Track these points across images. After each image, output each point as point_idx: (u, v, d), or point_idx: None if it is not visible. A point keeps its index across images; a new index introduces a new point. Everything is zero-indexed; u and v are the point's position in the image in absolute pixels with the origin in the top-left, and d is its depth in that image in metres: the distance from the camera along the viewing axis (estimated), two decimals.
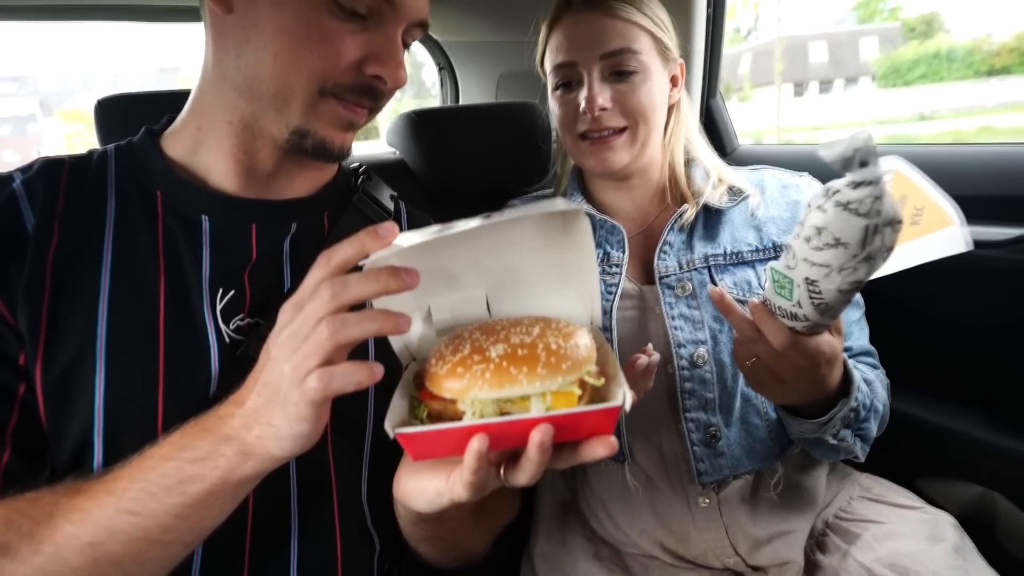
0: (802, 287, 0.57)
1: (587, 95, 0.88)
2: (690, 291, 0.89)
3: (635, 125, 0.90)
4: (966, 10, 14.22)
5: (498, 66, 1.71)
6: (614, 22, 0.88)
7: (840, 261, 0.53)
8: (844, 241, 0.52)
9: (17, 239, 0.60)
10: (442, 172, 1.25)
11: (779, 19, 11.96)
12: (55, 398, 0.59)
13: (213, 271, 0.65)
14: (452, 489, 0.49)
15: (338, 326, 0.46)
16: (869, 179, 0.50)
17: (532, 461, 0.46)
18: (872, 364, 0.93)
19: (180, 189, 0.67)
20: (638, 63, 0.89)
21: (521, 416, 0.47)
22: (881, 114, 11.42)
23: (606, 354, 0.57)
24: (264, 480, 0.53)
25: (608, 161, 0.91)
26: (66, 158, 0.67)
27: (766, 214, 0.93)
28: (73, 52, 31.24)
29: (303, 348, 0.47)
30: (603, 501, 0.95)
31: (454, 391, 0.48)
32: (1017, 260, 0.96)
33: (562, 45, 0.92)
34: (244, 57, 0.62)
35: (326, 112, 0.64)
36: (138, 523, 0.50)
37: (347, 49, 0.62)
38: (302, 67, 0.61)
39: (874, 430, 0.83)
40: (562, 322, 0.54)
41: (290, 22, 0.60)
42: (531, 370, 0.47)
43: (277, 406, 0.48)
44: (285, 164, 0.70)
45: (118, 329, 0.61)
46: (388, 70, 0.64)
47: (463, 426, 0.46)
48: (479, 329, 0.53)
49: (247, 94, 0.63)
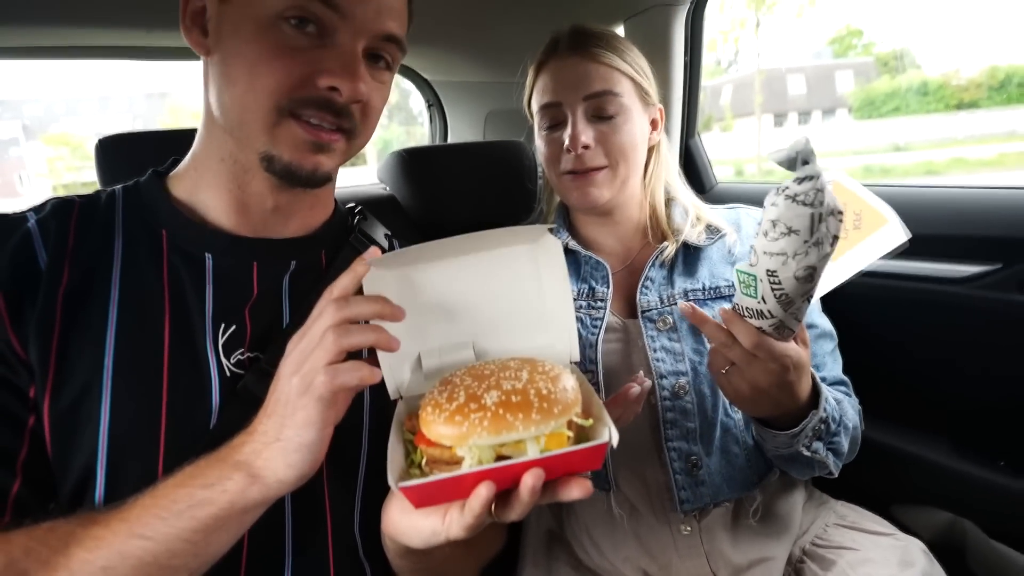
0: (764, 281, 0.63)
1: (571, 134, 0.93)
2: (671, 324, 0.93)
3: (616, 163, 0.94)
4: (935, 46, 14.75)
5: (486, 104, 1.77)
6: (596, 66, 0.93)
7: (794, 247, 0.60)
8: (795, 228, 0.59)
9: (31, 276, 0.63)
10: (432, 208, 1.29)
11: (758, 53, 12.38)
12: (62, 429, 0.61)
13: (216, 307, 0.68)
14: (449, 529, 0.52)
15: (342, 332, 0.53)
16: (811, 174, 0.58)
17: (523, 501, 0.49)
18: (845, 393, 0.97)
19: (184, 228, 0.70)
20: (619, 105, 0.94)
21: (520, 460, 0.49)
22: (858, 145, 11.70)
23: (588, 391, 0.60)
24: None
25: (590, 196, 0.95)
26: (76, 198, 0.70)
27: (742, 251, 0.97)
28: (58, 76, 31.71)
29: (311, 357, 0.53)
30: (588, 529, 0.97)
31: (453, 438, 0.51)
32: (976, 295, 1.02)
33: (548, 87, 0.97)
34: (217, 90, 0.66)
35: (287, 134, 0.65)
36: (148, 547, 0.52)
37: (298, 65, 0.62)
38: (257, 88, 0.62)
39: (846, 445, 0.86)
40: (546, 364, 0.58)
41: (245, 47, 0.62)
42: (526, 416, 0.50)
43: (287, 417, 0.53)
44: (277, 198, 0.71)
45: (123, 362, 0.63)
46: (342, 81, 0.63)
47: (466, 473, 0.49)
48: (469, 375, 0.56)
49: (227, 129, 0.66)
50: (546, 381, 0.53)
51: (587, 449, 0.50)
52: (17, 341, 0.60)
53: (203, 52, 0.66)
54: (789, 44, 16.98)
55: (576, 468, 0.52)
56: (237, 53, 0.63)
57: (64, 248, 0.65)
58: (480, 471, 0.49)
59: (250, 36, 0.62)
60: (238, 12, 0.62)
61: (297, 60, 0.62)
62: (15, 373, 0.60)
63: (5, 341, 0.60)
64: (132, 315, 0.65)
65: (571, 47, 0.95)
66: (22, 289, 0.62)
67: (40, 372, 0.60)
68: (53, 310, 0.62)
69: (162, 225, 0.70)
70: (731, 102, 13.07)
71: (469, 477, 0.49)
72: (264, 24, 0.61)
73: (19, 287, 0.62)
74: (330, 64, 0.63)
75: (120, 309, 0.64)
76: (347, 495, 0.72)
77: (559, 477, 0.51)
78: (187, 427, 0.63)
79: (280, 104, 0.63)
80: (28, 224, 0.65)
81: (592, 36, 0.95)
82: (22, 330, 0.61)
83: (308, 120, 0.64)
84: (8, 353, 0.60)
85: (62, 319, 0.62)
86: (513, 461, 0.49)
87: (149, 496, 0.54)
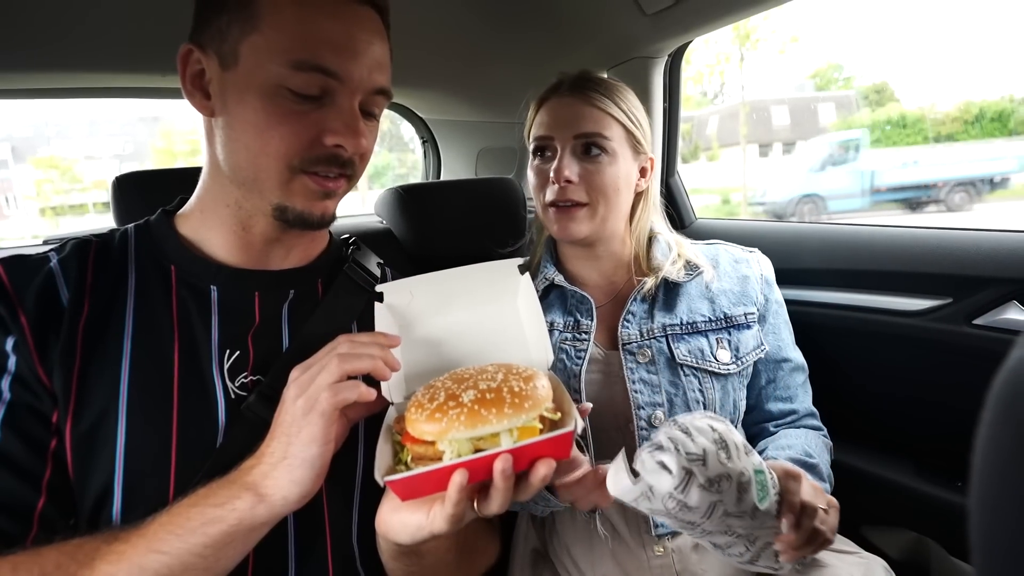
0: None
1: (556, 167, 0.98)
2: (649, 357, 0.97)
3: (596, 202, 0.99)
4: (913, 81, 15.23)
5: (478, 142, 1.86)
6: (591, 109, 0.98)
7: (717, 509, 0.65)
8: (694, 505, 0.63)
9: (55, 312, 0.67)
10: (425, 241, 1.36)
11: (742, 86, 12.79)
12: (82, 451, 0.66)
13: (221, 334, 0.73)
14: (433, 522, 0.57)
15: (346, 359, 0.62)
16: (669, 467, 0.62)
17: (499, 489, 0.55)
18: (815, 426, 1.03)
19: (191, 263, 0.75)
20: (607, 147, 0.98)
21: (494, 450, 0.55)
22: None
23: (560, 389, 0.66)
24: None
25: (569, 230, 1.00)
26: (93, 238, 0.76)
27: (719, 287, 1.03)
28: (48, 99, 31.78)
29: (316, 380, 0.60)
30: (568, 548, 1.01)
31: (433, 434, 0.57)
32: (931, 327, 1.10)
33: (544, 121, 1.02)
34: (227, 150, 0.71)
35: (299, 188, 0.71)
36: (164, 560, 0.57)
37: (305, 128, 0.67)
38: (269, 152, 0.68)
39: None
40: (522, 368, 0.64)
41: (252, 114, 0.67)
42: (499, 411, 0.56)
43: (292, 436, 0.59)
44: (280, 237, 0.77)
45: (137, 388, 0.68)
46: (345, 139, 0.69)
47: (444, 466, 0.55)
48: (450, 378, 0.63)
49: (235, 181, 0.72)
50: (519, 380, 0.60)
51: (555, 438, 0.56)
52: (43, 371, 0.65)
53: (207, 114, 0.71)
54: (773, 77, 17.41)
55: (547, 455, 0.57)
56: (245, 120, 0.68)
57: (84, 285, 0.70)
58: (457, 462, 0.54)
59: (257, 104, 0.66)
60: (242, 80, 0.67)
61: (303, 123, 0.67)
62: (40, 400, 0.65)
63: (32, 372, 0.65)
64: (145, 344, 0.70)
65: (571, 89, 1.00)
66: (47, 324, 0.66)
67: (63, 399, 0.65)
68: (74, 342, 0.67)
69: (171, 261, 0.75)
70: (717, 132, 13.36)
71: (448, 469, 0.54)
72: (268, 92, 0.66)
73: (44, 322, 0.66)
74: (334, 124, 0.68)
75: (134, 339, 0.70)
76: (345, 508, 0.77)
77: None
78: (196, 446, 0.68)
79: (292, 164, 0.69)
80: (51, 264, 0.70)
81: (593, 81, 1.01)
82: (47, 361, 0.65)
83: (316, 172, 0.71)
84: (34, 383, 0.65)
85: (82, 350, 0.67)
86: (487, 452, 0.55)
87: (166, 515, 0.59)
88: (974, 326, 1.04)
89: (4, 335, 0.65)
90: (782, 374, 1.04)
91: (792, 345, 1.06)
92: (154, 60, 1.23)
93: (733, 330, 1.01)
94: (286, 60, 0.65)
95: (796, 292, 1.27)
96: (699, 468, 0.62)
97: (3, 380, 0.65)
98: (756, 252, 1.10)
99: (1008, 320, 1.01)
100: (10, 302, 0.66)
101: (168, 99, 1.45)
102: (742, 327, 1.01)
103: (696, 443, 0.63)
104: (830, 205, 8.16)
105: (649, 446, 0.67)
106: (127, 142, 19.97)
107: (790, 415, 1.03)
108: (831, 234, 1.31)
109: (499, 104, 1.73)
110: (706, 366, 0.97)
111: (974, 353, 1.05)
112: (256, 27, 0.65)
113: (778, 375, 1.04)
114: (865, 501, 1.18)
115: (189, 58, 0.70)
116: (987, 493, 0.33)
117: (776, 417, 1.04)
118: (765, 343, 1.02)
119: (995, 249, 1.05)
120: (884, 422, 1.24)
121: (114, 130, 20.61)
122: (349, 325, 0.83)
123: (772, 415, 1.04)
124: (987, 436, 0.33)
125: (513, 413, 0.56)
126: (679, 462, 0.62)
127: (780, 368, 1.04)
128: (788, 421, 1.03)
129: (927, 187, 7.81)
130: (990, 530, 0.32)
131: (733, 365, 0.98)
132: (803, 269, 1.29)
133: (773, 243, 1.33)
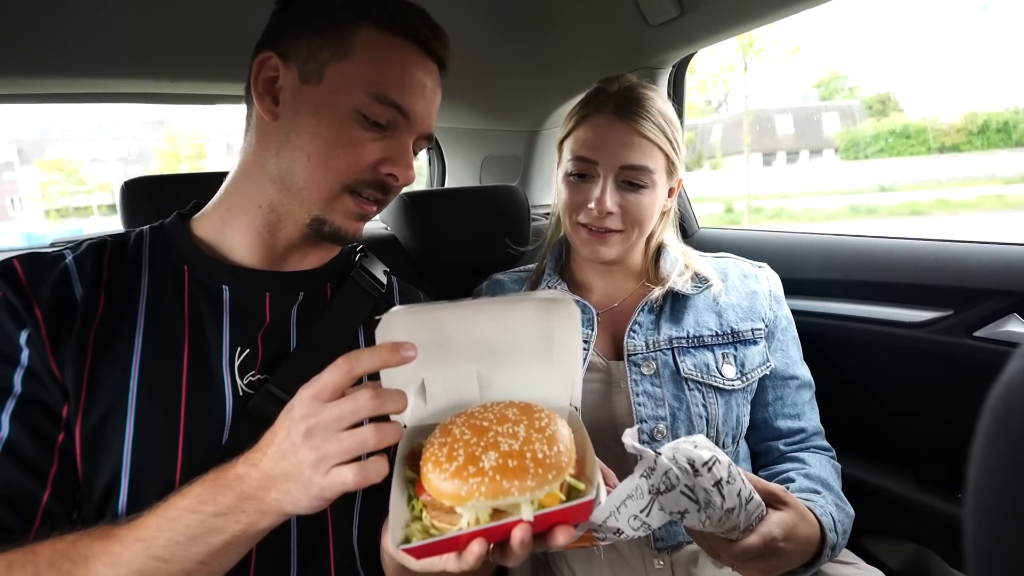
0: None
1: (599, 197, 0.96)
2: (654, 370, 0.96)
3: (631, 230, 0.99)
4: (917, 91, 15.28)
5: (482, 150, 1.87)
6: (640, 140, 0.95)
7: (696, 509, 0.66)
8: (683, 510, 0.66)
9: (68, 308, 0.69)
10: (430, 248, 1.37)
11: (746, 95, 12.81)
12: (91, 444, 0.67)
13: (232, 332, 0.75)
14: (446, 563, 0.56)
15: (351, 415, 0.55)
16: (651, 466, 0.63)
17: (516, 554, 0.54)
18: (823, 446, 1.02)
19: (204, 264, 0.77)
20: (649, 179, 0.97)
21: (513, 519, 0.53)
22: (845, 185, 11.94)
23: (583, 443, 0.63)
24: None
25: (600, 253, 1.00)
26: (108, 238, 0.78)
27: (727, 301, 1.02)
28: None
29: (342, 444, 0.55)
30: (567, 560, 1.00)
31: (452, 499, 0.55)
32: (931, 339, 1.10)
33: (588, 141, 0.98)
34: (283, 155, 0.74)
35: (342, 206, 0.76)
36: (165, 567, 0.57)
37: (368, 153, 0.74)
38: (330, 166, 0.73)
39: (848, 529, 0.91)
40: (543, 416, 0.61)
41: (324, 130, 0.73)
42: (522, 482, 0.53)
43: (298, 483, 0.56)
44: (301, 243, 0.81)
45: (147, 384, 0.69)
46: (400, 170, 0.76)
47: (463, 534, 0.53)
48: (468, 427, 0.59)
49: (279, 184, 0.76)
50: (542, 443, 0.57)
51: (576, 506, 0.55)
52: (55, 365, 0.66)
53: (271, 118, 0.75)
54: (777, 87, 17.43)
55: (567, 521, 0.56)
56: (315, 133, 0.73)
57: (99, 282, 0.72)
58: (476, 531, 0.53)
59: (331, 121, 0.72)
60: (322, 98, 0.72)
61: (367, 149, 0.74)
62: (50, 395, 0.66)
63: (44, 365, 0.66)
64: (155, 342, 0.71)
65: (619, 111, 0.96)
66: (61, 319, 0.68)
67: (73, 393, 0.66)
68: (87, 338, 0.68)
69: (184, 261, 0.77)
70: (721, 141, 13.39)
71: (466, 536, 0.53)
72: (344, 113, 0.72)
73: (58, 318, 0.68)
74: (392, 155, 0.76)
75: (145, 336, 0.71)
76: (347, 509, 0.78)
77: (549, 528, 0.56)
78: (203, 440, 0.70)
79: (345, 182, 0.75)
80: (66, 261, 0.72)
81: (642, 105, 0.97)
82: (60, 355, 0.67)
83: (360, 194, 0.77)
84: (46, 377, 0.66)
85: (94, 346, 0.68)
86: (507, 520, 0.53)
87: (163, 517, 0.58)
88: (975, 338, 1.05)
89: (19, 328, 0.67)
90: (789, 391, 1.03)
91: (800, 362, 1.05)
92: (161, 65, 1.25)
93: (740, 345, 1.00)
94: (370, 91, 0.72)
95: (797, 302, 1.27)
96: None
97: (16, 373, 0.66)
98: (765, 267, 1.10)
99: (1008, 333, 1.01)
100: (26, 296, 0.68)
101: (174, 104, 1.47)
102: (748, 343, 1.01)
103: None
104: None
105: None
106: (132, 145, 20.08)
107: (799, 433, 1.02)
108: (833, 245, 1.31)
109: (504, 112, 1.75)
110: (711, 381, 0.97)
111: (974, 365, 1.05)
112: (348, 56, 0.72)
113: (785, 392, 1.03)
114: (865, 512, 1.18)
115: (267, 64, 0.75)
116: (981, 504, 0.33)
117: (785, 435, 1.02)
118: (771, 360, 1.02)
119: (996, 261, 1.05)
120: (884, 433, 1.24)
121: (119, 133, 20.73)
122: (355, 330, 0.84)
123: (781, 433, 1.02)
124: (981, 448, 0.33)
125: (536, 486, 0.54)
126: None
127: (787, 385, 1.03)
128: (797, 440, 1.02)
129: None
130: (984, 540, 0.33)
131: (738, 381, 0.98)
132: (805, 279, 1.30)
133: (775, 253, 1.34)
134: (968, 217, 7.84)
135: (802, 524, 0.79)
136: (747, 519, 0.72)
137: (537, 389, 0.69)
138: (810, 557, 0.82)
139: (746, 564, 0.76)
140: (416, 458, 0.61)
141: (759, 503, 0.74)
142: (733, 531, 0.71)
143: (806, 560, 0.82)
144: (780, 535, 0.74)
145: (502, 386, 0.70)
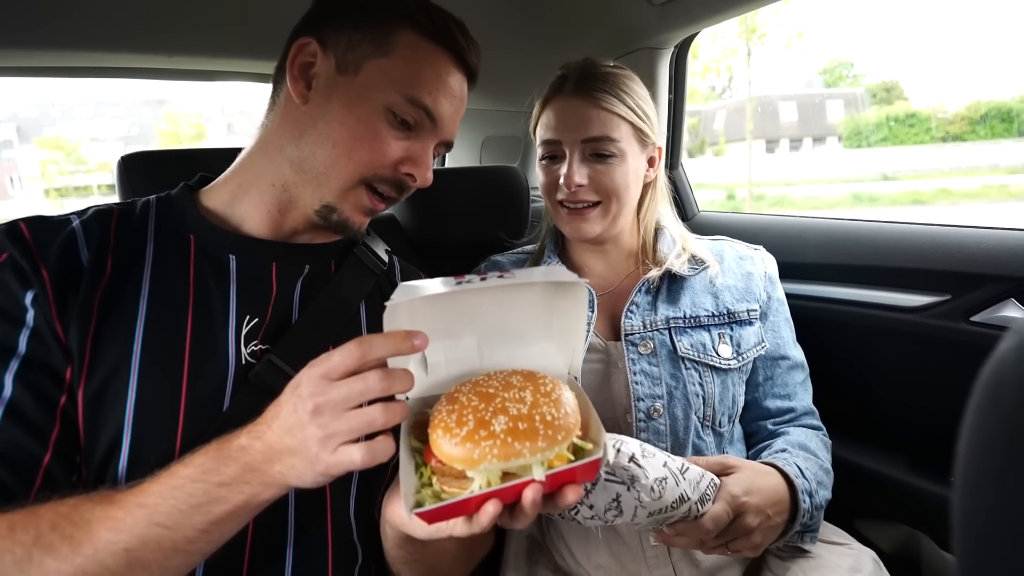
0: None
1: (566, 172, 0.98)
2: (651, 349, 0.98)
3: (607, 201, 1.00)
4: (923, 79, 15.18)
5: (483, 130, 1.86)
6: (597, 111, 0.97)
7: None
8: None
9: (75, 271, 0.69)
10: (429, 228, 1.37)
11: (750, 81, 12.69)
12: (93, 407, 0.67)
13: (240, 302, 0.76)
14: (454, 527, 0.57)
15: (359, 395, 0.55)
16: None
17: (527, 514, 0.55)
18: (814, 425, 1.04)
19: (211, 233, 0.78)
20: (615, 148, 0.98)
21: (525, 479, 0.55)
22: (847, 173, 11.88)
23: (586, 407, 0.64)
24: None
25: (581, 230, 1.02)
26: (114, 206, 0.78)
27: (723, 283, 1.03)
28: (54, 79, 31.66)
29: (350, 423, 0.55)
30: (564, 538, 1.02)
31: (464, 463, 0.55)
32: (928, 323, 1.10)
33: (551, 123, 1.02)
34: (306, 138, 0.76)
35: (355, 197, 0.78)
36: (168, 535, 0.58)
37: (392, 150, 0.76)
38: (353, 157, 0.75)
39: (828, 495, 0.93)
40: (547, 382, 0.62)
41: (353, 121, 0.74)
42: (532, 443, 0.54)
43: (304, 459, 0.56)
44: (307, 228, 0.82)
45: (150, 349, 0.70)
46: (419, 171, 0.79)
47: (476, 496, 0.54)
48: (475, 394, 0.60)
49: (297, 166, 0.77)
50: (549, 406, 0.58)
51: (584, 465, 0.56)
52: (60, 327, 0.67)
53: (302, 101, 0.76)
54: (781, 73, 17.29)
55: (576, 480, 0.57)
56: (343, 123, 0.74)
57: (106, 247, 0.72)
58: (489, 492, 0.54)
59: (362, 114, 0.74)
60: (356, 90, 0.74)
61: (391, 146, 0.76)
62: (54, 356, 0.67)
63: (49, 327, 0.66)
64: (159, 308, 0.72)
65: (576, 89, 0.99)
66: (67, 281, 0.68)
67: (77, 356, 0.67)
68: (92, 302, 0.69)
69: (190, 230, 0.78)
70: (724, 127, 13.32)
71: (479, 498, 0.54)
72: (376, 108, 0.74)
73: (64, 279, 0.68)
74: (414, 155, 0.78)
75: (150, 302, 0.72)
76: (346, 481, 0.79)
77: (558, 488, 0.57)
78: (203, 407, 0.70)
79: (365, 176, 0.77)
80: (72, 225, 0.73)
81: (598, 79, 0.99)
82: (65, 317, 0.67)
83: (375, 189, 0.78)
84: (51, 338, 0.66)
85: (99, 310, 0.69)
86: (518, 481, 0.54)
87: (166, 485, 0.58)
88: (971, 323, 1.05)
89: (25, 288, 0.67)
90: (779, 371, 1.04)
91: (792, 343, 1.06)
92: (162, 38, 1.23)
93: (735, 326, 1.01)
94: (403, 91, 0.74)
95: (795, 286, 1.27)
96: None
97: (21, 334, 0.66)
98: (761, 249, 1.11)
99: (1005, 318, 1.01)
100: (33, 257, 0.68)
101: (173, 80, 1.45)
102: (744, 323, 1.02)
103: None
104: None
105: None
106: (132, 124, 20.00)
107: (788, 413, 1.04)
108: (832, 229, 1.31)
109: (504, 93, 1.73)
110: (707, 360, 0.98)
111: (971, 350, 1.05)
112: (387, 54, 0.74)
113: (775, 372, 1.05)
114: (859, 494, 1.19)
115: (305, 49, 0.76)
116: (968, 477, 0.34)
117: (774, 415, 1.04)
118: (765, 340, 1.03)
119: (994, 247, 1.05)
120: (879, 417, 1.24)
121: (120, 112, 20.62)
122: (357, 305, 0.85)
123: (770, 412, 1.04)
124: (971, 422, 0.33)
125: (546, 446, 0.55)
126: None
127: (778, 365, 1.05)
128: (786, 419, 1.04)
129: None
130: (969, 512, 0.33)
131: (734, 360, 0.99)
132: (803, 263, 1.29)
133: (774, 237, 1.33)
134: (971, 206, 7.81)
135: (760, 476, 0.82)
136: (697, 492, 0.75)
137: (538, 359, 0.70)
138: (788, 508, 0.84)
139: (734, 542, 0.77)
140: (420, 428, 0.62)
141: (711, 478, 0.78)
142: (687, 507, 0.74)
143: (786, 513, 0.84)
144: (740, 491, 0.78)
145: (503, 356, 0.71)
